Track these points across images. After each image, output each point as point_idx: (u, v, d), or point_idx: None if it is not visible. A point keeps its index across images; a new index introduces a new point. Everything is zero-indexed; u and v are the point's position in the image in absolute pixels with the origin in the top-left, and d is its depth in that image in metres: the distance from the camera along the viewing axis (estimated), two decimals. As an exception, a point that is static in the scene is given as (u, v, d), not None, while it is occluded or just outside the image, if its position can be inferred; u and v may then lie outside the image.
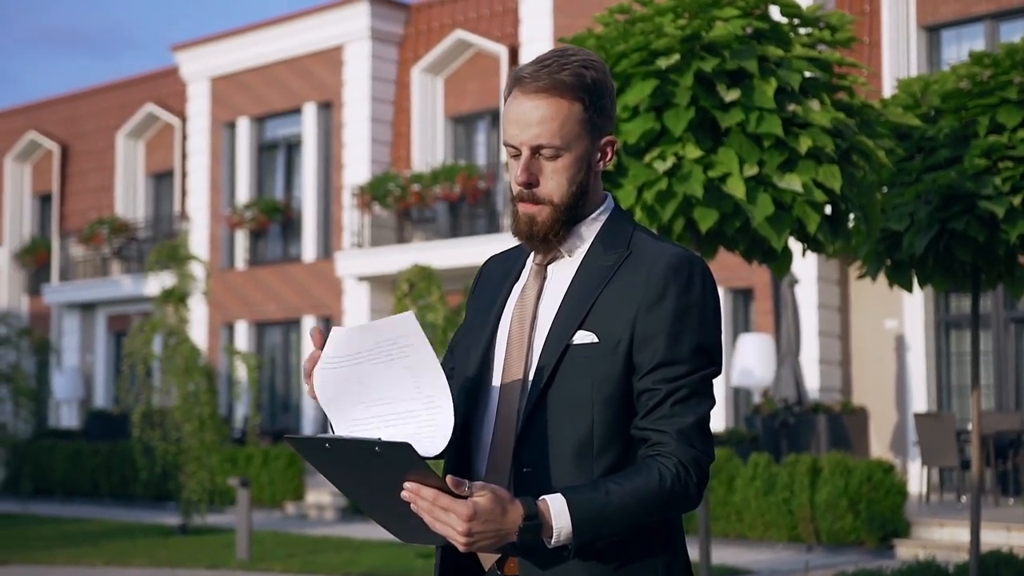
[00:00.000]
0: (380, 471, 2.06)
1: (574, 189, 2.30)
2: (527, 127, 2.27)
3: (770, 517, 13.20)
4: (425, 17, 21.84)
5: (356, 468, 2.08)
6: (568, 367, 2.24)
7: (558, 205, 2.30)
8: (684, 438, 2.20)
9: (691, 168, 6.10)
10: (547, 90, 2.25)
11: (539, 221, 2.30)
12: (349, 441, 2.05)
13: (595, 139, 2.32)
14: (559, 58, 2.29)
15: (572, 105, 2.26)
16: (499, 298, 2.42)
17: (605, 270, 2.29)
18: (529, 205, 2.30)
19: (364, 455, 2.03)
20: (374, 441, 2.01)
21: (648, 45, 6.15)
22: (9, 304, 27.47)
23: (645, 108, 6.17)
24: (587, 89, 2.27)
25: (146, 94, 25.64)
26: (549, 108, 2.25)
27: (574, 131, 2.27)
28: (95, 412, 22.98)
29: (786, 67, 6.26)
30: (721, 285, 17.29)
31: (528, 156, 2.28)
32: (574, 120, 2.27)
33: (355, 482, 2.13)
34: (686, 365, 2.23)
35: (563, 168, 2.28)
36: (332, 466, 2.13)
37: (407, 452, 2.00)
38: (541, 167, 2.29)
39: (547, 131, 2.25)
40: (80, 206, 26.61)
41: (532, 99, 2.26)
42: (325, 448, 2.07)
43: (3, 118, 28.86)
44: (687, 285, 2.25)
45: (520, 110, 2.27)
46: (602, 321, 2.25)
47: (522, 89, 2.27)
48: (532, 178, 2.29)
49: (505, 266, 2.48)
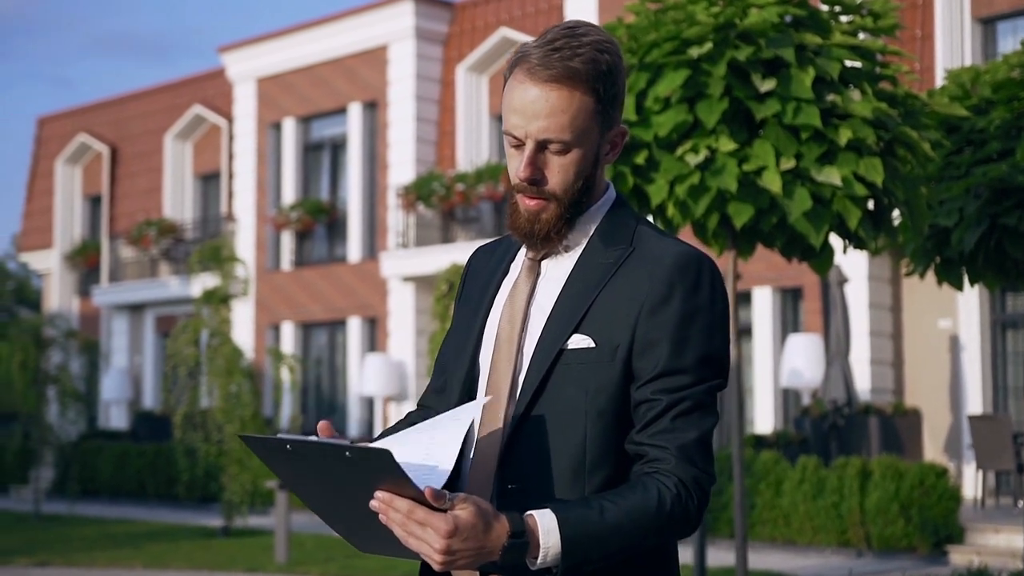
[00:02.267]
0: (348, 478, 1.87)
1: (580, 185, 2.09)
2: (534, 118, 2.03)
3: (819, 522, 12.89)
4: (470, 16, 21.68)
5: (320, 474, 1.90)
6: (561, 374, 2.04)
7: (563, 201, 2.08)
8: (685, 455, 1.98)
9: (725, 161, 5.86)
10: (558, 79, 2.01)
11: (543, 218, 2.08)
12: (315, 444, 1.86)
13: (605, 131, 2.09)
14: (569, 39, 2.04)
15: (585, 97, 2.03)
16: (487, 295, 2.21)
17: (605, 268, 2.08)
18: (532, 200, 2.08)
19: (330, 461, 1.85)
20: (344, 446, 1.82)
21: (680, 34, 5.93)
22: (60, 305, 27.65)
23: (677, 99, 5.94)
24: (602, 78, 2.04)
25: (194, 96, 25.70)
26: (560, 100, 2.02)
27: (585, 124, 2.04)
28: (142, 413, 23.04)
29: (825, 55, 6.01)
30: (769, 284, 16.96)
31: (533, 149, 2.05)
32: (586, 113, 2.04)
33: (316, 488, 1.95)
34: (690, 375, 2.01)
35: (571, 163, 2.06)
36: (292, 470, 1.95)
37: (385, 459, 1.80)
38: (547, 161, 2.06)
39: (556, 125, 2.02)
40: (129, 208, 26.73)
41: (540, 88, 2.02)
42: (286, 450, 1.88)
43: (54, 121, 29.07)
44: (694, 287, 2.04)
45: (526, 98, 2.03)
46: (600, 324, 2.04)
47: (529, 75, 2.03)
48: (538, 173, 2.06)
49: (493, 260, 2.26)
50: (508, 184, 2.15)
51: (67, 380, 18.92)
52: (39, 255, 28.62)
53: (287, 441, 1.87)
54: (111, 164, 27.34)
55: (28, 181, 29.45)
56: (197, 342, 15.45)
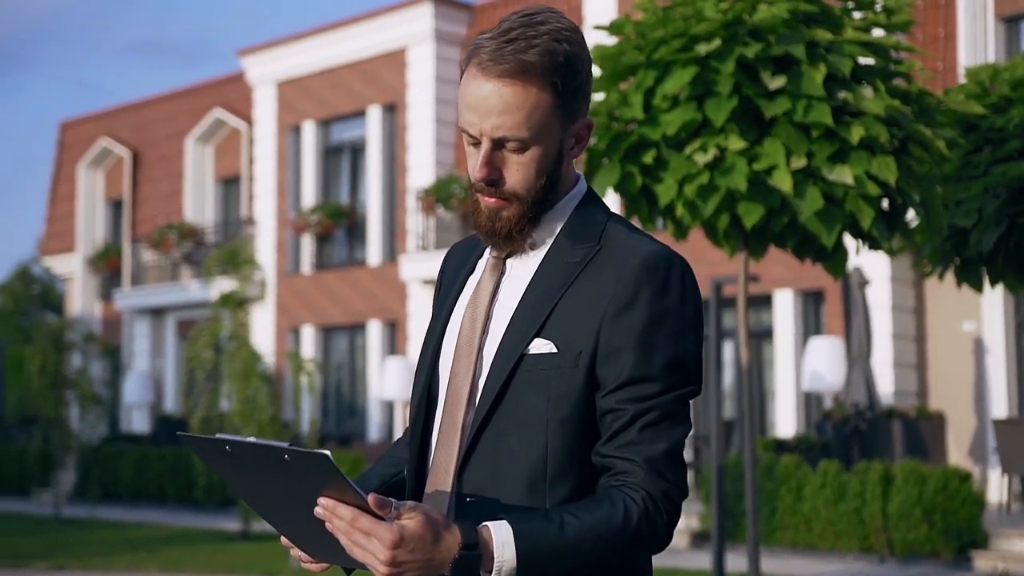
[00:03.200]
0: (289, 482, 1.78)
1: (543, 182, 1.97)
2: (487, 115, 1.92)
3: (841, 527, 12.72)
4: (489, 17, 21.60)
5: (262, 477, 1.81)
6: (522, 380, 1.92)
7: (525, 199, 1.97)
8: (654, 468, 1.87)
9: (734, 160, 5.74)
10: (511, 74, 1.90)
11: (504, 217, 1.98)
12: (254, 446, 1.76)
13: (568, 125, 1.98)
14: (525, 28, 1.93)
15: (541, 92, 1.92)
16: (452, 295, 2.11)
17: (570, 268, 1.97)
18: (492, 199, 1.98)
19: (270, 463, 1.76)
20: (283, 448, 1.72)
21: (688, 31, 5.81)
22: (83, 309, 27.71)
23: (685, 97, 5.83)
24: (559, 70, 1.92)
25: (214, 99, 25.72)
26: (514, 96, 1.91)
27: (543, 120, 1.93)
28: (163, 417, 23.05)
29: (837, 52, 5.88)
30: (790, 287, 16.80)
31: (489, 148, 1.94)
32: (543, 109, 1.93)
33: (260, 491, 1.86)
34: (658, 383, 1.89)
35: (530, 161, 1.95)
36: (233, 471, 1.85)
37: (323, 463, 1.71)
38: (505, 160, 1.95)
39: (511, 122, 1.92)
40: (151, 212, 26.78)
41: (493, 83, 1.91)
42: (225, 451, 1.79)
43: (77, 125, 29.16)
44: (662, 288, 1.92)
45: (479, 94, 1.92)
46: (563, 328, 1.93)
47: (482, 69, 1.92)
48: (495, 173, 1.95)
49: (464, 256, 2.17)
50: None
51: (86, 384, 18.93)
52: (62, 259, 28.71)
53: (226, 441, 1.79)
54: (133, 168, 27.39)
55: (51, 185, 29.55)
56: (215, 346, 15.41)
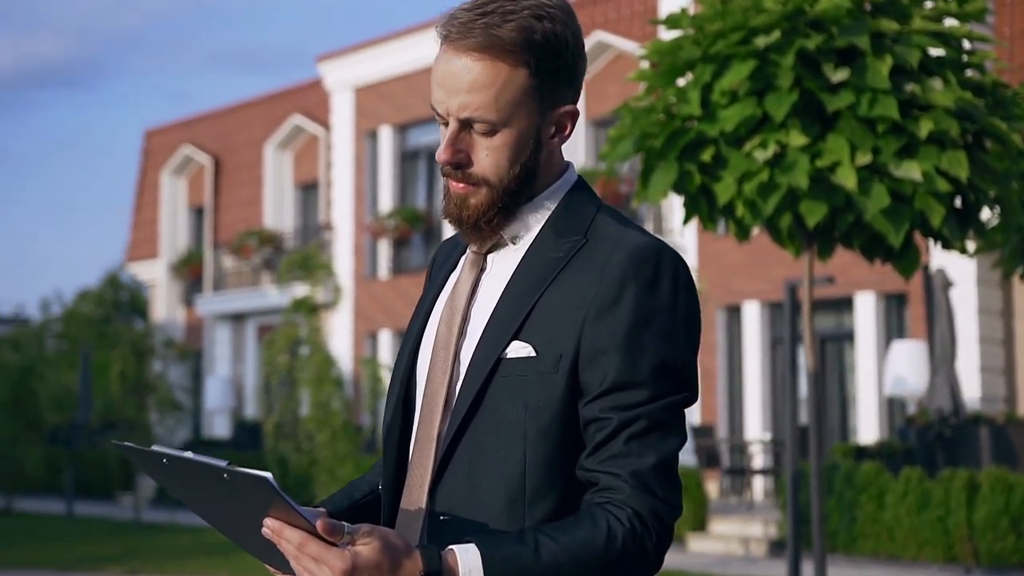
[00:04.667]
0: (233, 500, 1.66)
1: (516, 171, 1.80)
2: (455, 93, 1.76)
3: (924, 536, 12.34)
4: (565, 19, 21.43)
5: (204, 491, 1.70)
6: (499, 387, 1.75)
7: (495, 187, 1.80)
8: (641, 483, 1.69)
9: (796, 157, 5.52)
10: (480, 48, 1.74)
11: (471, 204, 1.81)
12: (193, 462, 1.63)
13: (547, 110, 1.80)
14: (504, 1, 1.77)
15: (514, 71, 1.75)
16: (432, 293, 1.95)
17: (552, 263, 1.79)
18: (459, 184, 1.82)
19: (211, 480, 1.63)
20: (221, 468, 1.59)
21: (747, 23, 5.60)
22: (167, 315, 28.06)
23: (744, 92, 5.62)
24: (535, 49, 1.75)
25: (293, 106, 25.89)
26: (483, 72, 1.75)
27: (515, 102, 1.77)
28: (243, 422, 23.22)
29: (904, 43, 5.63)
30: (871, 289, 16.38)
31: (456, 129, 1.78)
32: (515, 89, 1.76)
33: (206, 504, 1.74)
34: (646, 389, 1.71)
35: (501, 146, 1.79)
36: (176, 483, 1.74)
37: (262, 486, 1.57)
38: (473, 143, 1.79)
39: (479, 101, 1.75)
40: (232, 218, 27.04)
41: (461, 58, 1.76)
42: (163, 463, 1.68)
43: (160, 134, 29.56)
44: (650, 285, 1.73)
45: (447, 70, 1.77)
46: (542, 329, 1.75)
47: (450, 42, 1.77)
48: (460, 156, 1.79)
49: (450, 251, 2.00)
50: None
51: (164, 389, 19.10)
52: (146, 266, 29.11)
53: (163, 455, 1.66)
54: (214, 175, 27.68)
55: (136, 193, 29.98)
56: (292, 351, 15.45)
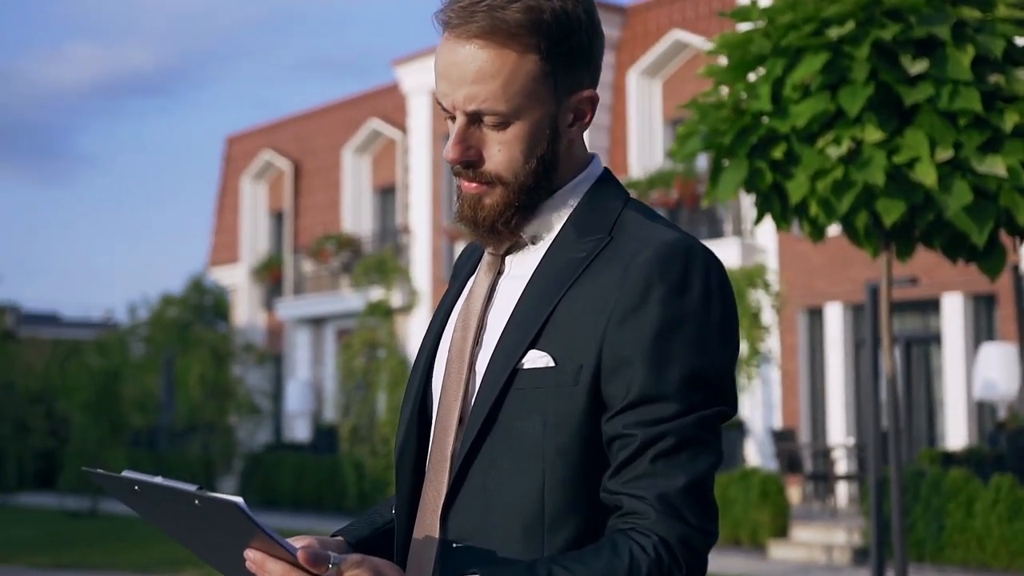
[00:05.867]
0: (209, 527, 1.55)
1: (532, 165, 1.64)
2: (459, 84, 1.61)
3: (1016, 545, 11.94)
4: (642, 19, 21.20)
5: (179, 518, 1.59)
6: (515, 400, 1.59)
7: (510, 184, 1.64)
8: (669, 507, 1.52)
9: (872, 153, 5.28)
10: (485, 34, 1.59)
11: (486, 205, 1.65)
12: (163, 487, 1.52)
13: (562, 97, 1.64)
14: None
15: (523, 56, 1.60)
16: (449, 298, 1.80)
17: (574, 264, 1.63)
18: (471, 184, 1.66)
19: (184, 506, 1.52)
20: (192, 492, 1.47)
21: (819, 14, 5.37)
22: (248, 319, 28.29)
23: (817, 86, 5.39)
24: (545, 30, 1.60)
25: (371, 110, 25.96)
26: (489, 60, 1.59)
27: (527, 90, 1.61)
28: (322, 425, 23.31)
29: (987, 32, 5.37)
30: (959, 290, 15.92)
31: (464, 123, 1.63)
32: (526, 76, 1.61)
33: (182, 529, 1.63)
34: (675, 402, 1.54)
35: (514, 139, 1.63)
36: (150, 509, 1.63)
37: (233, 511, 1.45)
38: (484, 138, 1.64)
39: (486, 92, 1.60)
40: (311, 222, 27.19)
41: (464, 46, 1.60)
42: (134, 490, 1.57)
43: (242, 139, 29.84)
44: (679, 286, 1.57)
45: (450, 60, 1.62)
46: (562, 337, 1.59)
47: (452, 30, 1.62)
48: (470, 153, 1.64)
49: (472, 254, 1.85)
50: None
51: (242, 393, 19.22)
52: (228, 270, 29.39)
53: (134, 481, 1.55)
54: (294, 180, 27.86)
55: (217, 198, 30.30)
56: (368, 355, 15.44)
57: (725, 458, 16.95)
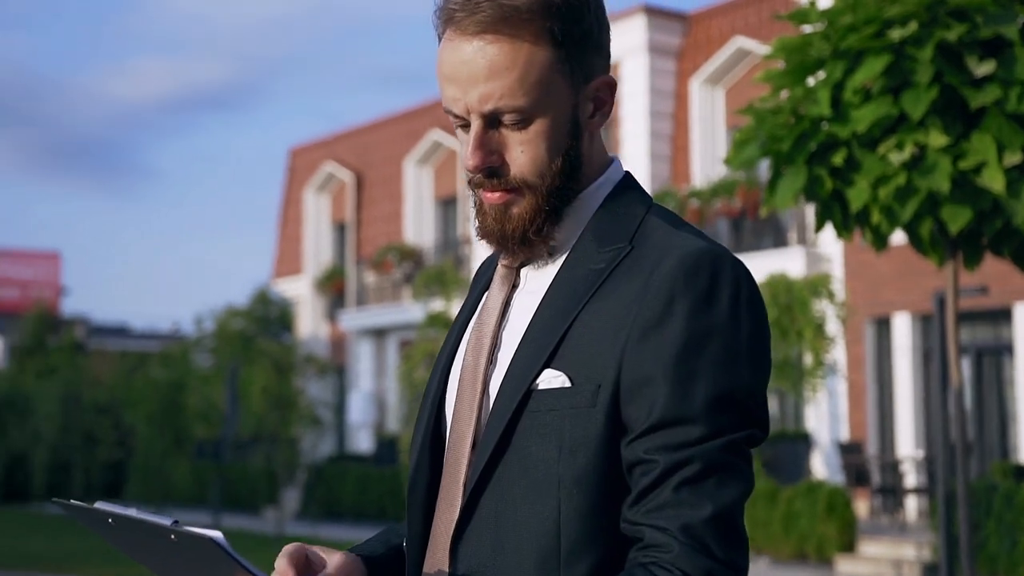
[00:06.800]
0: (190, 563, 1.46)
1: (559, 164, 1.52)
2: (471, 84, 1.49)
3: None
4: (704, 26, 21.00)
5: (156, 549, 1.50)
6: (528, 424, 1.48)
7: (538, 188, 1.52)
8: (693, 540, 1.38)
9: (936, 159, 5.10)
10: (493, 25, 1.47)
11: (514, 214, 1.53)
12: (138, 521, 1.43)
13: (580, 84, 1.53)
14: None
15: (536, 44, 1.48)
16: (464, 314, 1.68)
17: (592, 276, 1.51)
18: (495, 193, 1.53)
19: (161, 539, 1.44)
20: (167, 527, 1.39)
21: (880, 15, 5.19)
22: (312, 331, 28.40)
23: (879, 90, 5.22)
24: (556, 13, 1.49)
25: (432, 121, 25.97)
26: (501, 53, 1.48)
27: (545, 81, 1.49)
28: (384, 436, 23.31)
29: (1057, 31, 5.16)
30: (1032, 299, 15.54)
31: (481, 127, 1.51)
32: (542, 66, 1.49)
33: (160, 563, 1.54)
34: (700, 425, 1.41)
35: (537, 137, 1.51)
36: (124, 541, 1.55)
37: (212, 548, 1.37)
38: (504, 140, 1.51)
39: (502, 88, 1.48)
40: (373, 233, 27.26)
41: (471, 42, 1.48)
42: (108, 523, 1.49)
43: (305, 152, 30.01)
44: (705, 299, 1.44)
45: (456, 59, 1.50)
46: (578, 355, 1.47)
47: (456, 26, 1.50)
48: (493, 159, 1.51)
49: (489, 267, 1.73)
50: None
51: (304, 404, 19.26)
52: (291, 282, 29.55)
53: (108, 514, 1.46)
54: (356, 191, 27.96)
55: (281, 210, 30.49)
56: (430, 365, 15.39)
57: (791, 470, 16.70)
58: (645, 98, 20.82)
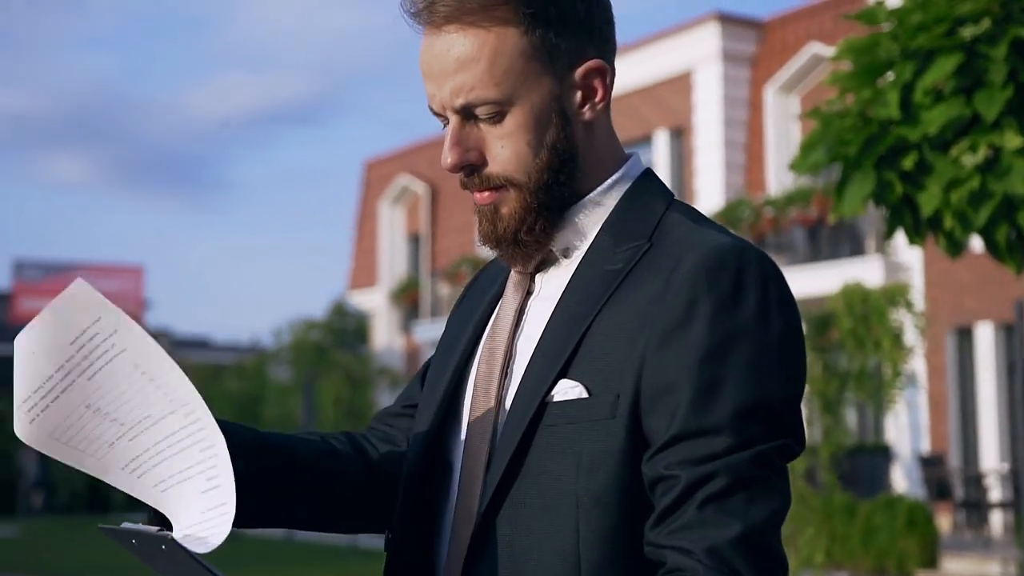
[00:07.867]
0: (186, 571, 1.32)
1: (545, 157, 1.42)
2: (443, 78, 1.41)
3: None
4: (779, 33, 20.73)
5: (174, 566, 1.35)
6: (544, 439, 1.37)
7: (524, 185, 1.43)
8: (720, 563, 1.26)
9: (1011, 161, 4.91)
10: (455, 16, 1.39)
11: (503, 214, 1.44)
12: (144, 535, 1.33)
13: (562, 70, 1.43)
14: None
15: (504, 30, 1.39)
16: (474, 320, 1.57)
17: (609, 277, 1.40)
18: (482, 193, 1.45)
19: (164, 554, 1.32)
20: (159, 536, 1.29)
21: (952, 12, 5.02)
22: (387, 343, 28.50)
23: (950, 90, 5.04)
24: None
25: (505, 132, 26.02)
26: (467, 43, 1.39)
27: (517, 69, 1.40)
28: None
29: None
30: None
31: (458, 123, 1.43)
32: (511, 53, 1.40)
33: None
34: (726, 436, 1.29)
35: (516, 130, 1.41)
36: (153, 561, 1.40)
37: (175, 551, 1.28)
38: (482, 137, 1.43)
39: (472, 79, 1.40)
40: (447, 245, 27.31)
41: (440, 35, 1.41)
42: (132, 544, 1.37)
43: (380, 164, 30.18)
44: (731, 300, 1.33)
45: (429, 55, 1.43)
46: (595, 363, 1.36)
47: (425, 21, 1.42)
48: (469, 156, 1.43)
49: (496, 274, 1.62)
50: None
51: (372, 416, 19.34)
52: (367, 294, 29.70)
53: (132, 534, 1.35)
54: (430, 203, 28.03)
55: (356, 223, 30.68)
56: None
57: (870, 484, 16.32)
58: (719, 107, 20.61)
